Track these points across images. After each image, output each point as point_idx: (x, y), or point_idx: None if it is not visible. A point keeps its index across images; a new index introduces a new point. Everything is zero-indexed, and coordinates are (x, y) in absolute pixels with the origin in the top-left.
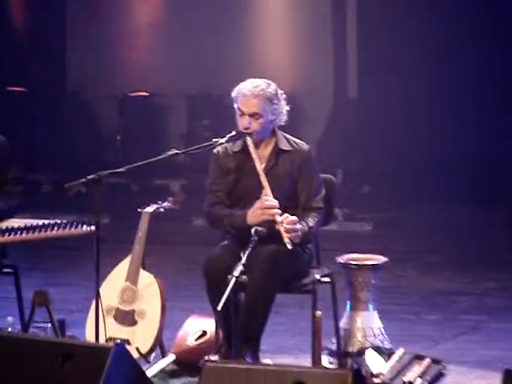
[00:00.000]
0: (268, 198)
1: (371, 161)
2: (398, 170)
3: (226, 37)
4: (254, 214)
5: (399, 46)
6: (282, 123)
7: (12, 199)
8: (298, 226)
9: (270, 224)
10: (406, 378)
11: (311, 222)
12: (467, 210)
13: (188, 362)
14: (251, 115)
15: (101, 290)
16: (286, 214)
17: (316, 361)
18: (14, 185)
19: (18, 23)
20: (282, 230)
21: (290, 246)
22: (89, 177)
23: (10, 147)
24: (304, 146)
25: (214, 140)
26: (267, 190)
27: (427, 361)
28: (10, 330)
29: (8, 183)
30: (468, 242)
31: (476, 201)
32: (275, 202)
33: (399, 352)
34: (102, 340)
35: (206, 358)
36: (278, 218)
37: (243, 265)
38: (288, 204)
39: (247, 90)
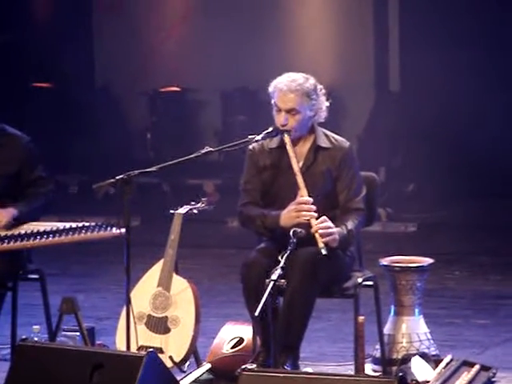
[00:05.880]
0: (303, 200)
1: (416, 157)
2: (444, 167)
3: (263, 29)
4: (287, 216)
5: (441, 37)
6: (322, 120)
7: (36, 200)
8: (335, 230)
9: (308, 225)
10: None
11: (350, 224)
12: None
13: (224, 371)
14: (288, 111)
15: (132, 295)
16: (322, 218)
17: (359, 369)
18: (39, 185)
19: (42, 16)
20: (316, 234)
21: (324, 252)
22: (118, 177)
23: (35, 147)
24: (344, 142)
25: (250, 137)
26: (303, 191)
27: (476, 367)
28: (36, 339)
29: (32, 184)
30: None
31: None
32: (311, 205)
33: (446, 358)
34: (133, 349)
35: (243, 366)
36: (313, 222)
37: (282, 268)
38: (326, 204)
39: (284, 85)
